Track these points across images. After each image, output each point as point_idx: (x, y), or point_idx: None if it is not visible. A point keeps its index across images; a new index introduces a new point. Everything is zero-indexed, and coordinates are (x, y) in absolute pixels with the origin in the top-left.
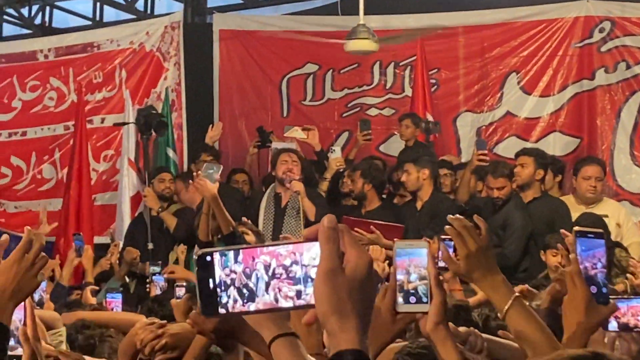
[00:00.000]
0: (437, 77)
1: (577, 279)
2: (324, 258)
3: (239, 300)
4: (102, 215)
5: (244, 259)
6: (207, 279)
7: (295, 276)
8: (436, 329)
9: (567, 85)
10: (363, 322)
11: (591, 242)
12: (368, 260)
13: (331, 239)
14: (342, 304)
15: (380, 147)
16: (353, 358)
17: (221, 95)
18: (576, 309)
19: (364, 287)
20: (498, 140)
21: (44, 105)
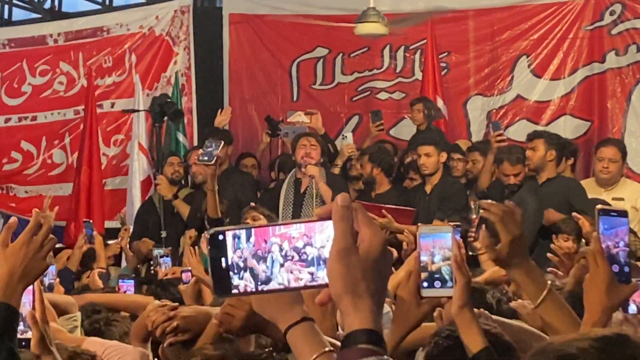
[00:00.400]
0: (448, 60)
1: (599, 257)
2: (338, 237)
3: (252, 283)
4: (113, 200)
5: (256, 241)
6: (219, 258)
7: (308, 258)
8: (461, 312)
9: (578, 68)
10: (377, 302)
11: (614, 220)
12: (382, 239)
13: (345, 218)
14: (356, 283)
15: (391, 131)
16: (367, 338)
17: (231, 79)
18: (597, 288)
19: (378, 266)
20: (508, 124)
21: (53, 89)
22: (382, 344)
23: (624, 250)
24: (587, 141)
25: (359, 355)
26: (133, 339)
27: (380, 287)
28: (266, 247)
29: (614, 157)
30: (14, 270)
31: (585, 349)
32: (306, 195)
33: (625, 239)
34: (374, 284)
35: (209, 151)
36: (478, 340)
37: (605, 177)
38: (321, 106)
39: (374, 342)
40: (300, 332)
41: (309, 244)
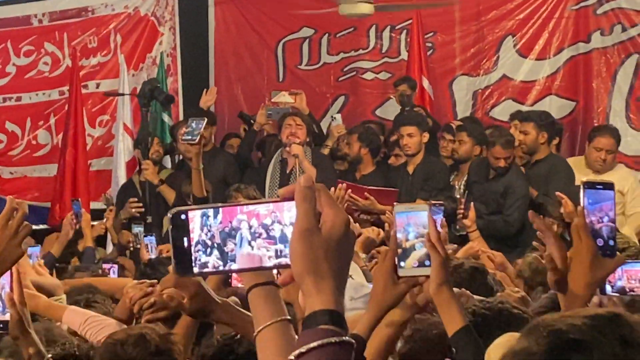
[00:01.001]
0: (433, 40)
1: (582, 232)
2: (300, 217)
3: (220, 260)
4: (98, 181)
5: (224, 218)
6: (181, 238)
7: (275, 236)
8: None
9: (563, 48)
10: (339, 283)
11: (599, 194)
12: (345, 220)
13: (307, 198)
14: (318, 263)
15: (377, 111)
16: (328, 318)
17: (217, 59)
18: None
19: (340, 247)
20: (494, 104)
21: (38, 70)
22: (343, 324)
23: (608, 226)
24: (573, 121)
25: (320, 336)
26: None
27: (343, 267)
28: (234, 225)
29: (611, 148)
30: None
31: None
32: (292, 175)
33: (610, 214)
34: (336, 265)
35: (192, 130)
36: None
37: (600, 167)
38: (307, 86)
39: (335, 323)
40: (263, 294)
41: (277, 221)
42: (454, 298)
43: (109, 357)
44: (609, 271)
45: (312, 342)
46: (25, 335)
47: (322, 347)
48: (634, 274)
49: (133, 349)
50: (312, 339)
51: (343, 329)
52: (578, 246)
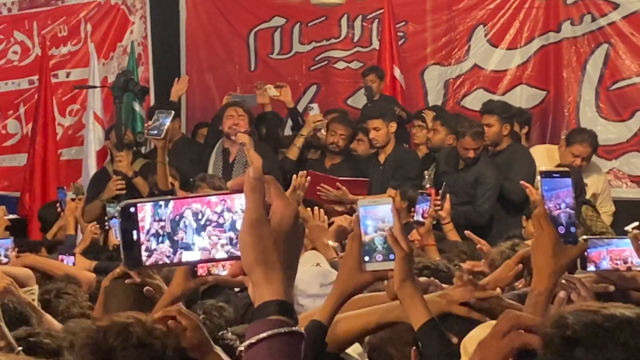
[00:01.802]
0: (405, 30)
1: (542, 220)
2: (249, 208)
3: (170, 251)
4: (68, 170)
5: (174, 208)
6: (130, 231)
7: (225, 224)
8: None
9: (534, 37)
10: (289, 273)
11: (555, 182)
12: (294, 211)
13: (256, 190)
14: (268, 254)
15: (348, 100)
16: (278, 309)
17: (188, 48)
18: (543, 251)
19: (290, 238)
20: (465, 93)
21: (7, 59)
22: (292, 314)
23: (566, 212)
24: (543, 110)
25: (269, 327)
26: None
27: (292, 259)
28: (182, 214)
29: (587, 156)
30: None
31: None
32: (235, 165)
33: (568, 200)
34: (286, 256)
35: (158, 125)
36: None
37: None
38: (279, 76)
39: (285, 313)
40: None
41: (228, 209)
42: (417, 292)
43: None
44: (572, 258)
45: (262, 333)
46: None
47: (271, 337)
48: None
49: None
50: (262, 329)
51: (292, 320)
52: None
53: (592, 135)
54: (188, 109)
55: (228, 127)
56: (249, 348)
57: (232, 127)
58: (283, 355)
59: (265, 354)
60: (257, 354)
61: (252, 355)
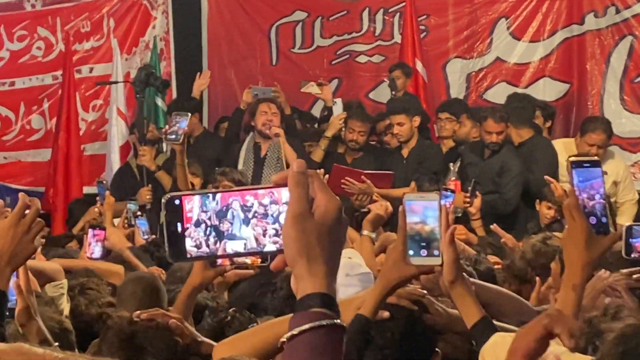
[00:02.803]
0: (427, 23)
1: (575, 211)
2: (293, 202)
3: (215, 243)
4: (92, 165)
5: (222, 199)
6: (175, 223)
7: (271, 216)
8: (453, 287)
9: (557, 30)
10: (331, 267)
11: (587, 172)
12: (338, 205)
13: (300, 184)
14: (311, 248)
15: (370, 94)
16: (319, 301)
17: (210, 43)
18: (575, 243)
19: (333, 231)
20: (488, 86)
21: (31, 55)
22: (335, 307)
23: (600, 203)
24: (566, 103)
25: (311, 319)
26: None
27: (335, 252)
28: (230, 205)
29: (603, 143)
30: (1, 253)
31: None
32: (266, 160)
33: (601, 191)
34: (329, 250)
35: (175, 129)
36: (474, 312)
37: None
38: (300, 70)
39: (327, 306)
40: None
41: (275, 202)
42: (468, 291)
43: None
44: (605, 248)
45: (304, 325)
46: (32, 322)
47: (313, 329)
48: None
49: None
50: (304, 321)
51: (335, 312)
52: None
53: (604, 123)
54: (210, 103)
55: (262, 123)
56: (291, 339)
57: (266, 123)
58: (324, 348)
59: (306, 346)
60: (298, 345)
61: (293, 347)
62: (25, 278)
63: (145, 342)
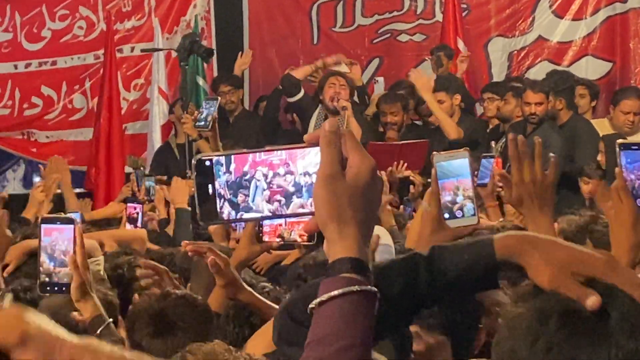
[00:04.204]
0: (468, 1)
1: (622, 193)
2: (324, 163)
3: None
4: (133, 144)
5: (246, 162)
6: (206, 185)
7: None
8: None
9: (600, 8)
10: (364, 230)
11: (636, 154)
12: (372, 166)
13: (332, 143)
14: (342, 210)
15: None
16: (350, 266)
17: (251, 22)
18: (623, 224)
19: (366, 193)
20: (530, 65)
21: (73, 34)
22: (366, 272)
23: None
24: (609, 82)
25: (341, 285)
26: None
27: (369, 215)
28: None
29: (638, 109)
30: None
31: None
32: None
33: None
34: (362, 212)
35: (205, 116)
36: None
37: (629, 129)
38: (341, 49)
39: (358, 271)
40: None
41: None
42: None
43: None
44: None
45: (334, 291)
46: (87, 298)
47: (343, 295)
48: None
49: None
50: (334, 287)
51: (367, 278)
52: (619, 208)
53: (636, 89)
54: (251, 83)
55: (329, 97)
56: (321, 305)
57: (334, 96)
58: (355, 314)
59: (336, 313)
60: (328, 312)
61: (323, 313)
62: (82, 253)
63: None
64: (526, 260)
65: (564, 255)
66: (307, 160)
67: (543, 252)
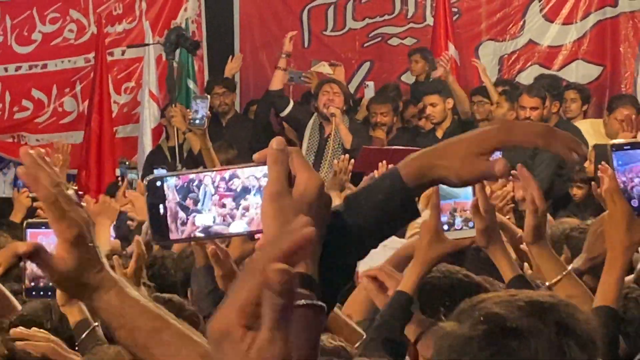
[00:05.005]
0: (459, 5)
1: (615, 195)
2: (270, 180)
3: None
4: (124, 147)
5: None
6: (157, 205)
7: (237, 189)
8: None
9: (590, 12)
10: (312, 246)
11: (628, 155)
12: (318, 183)
13: (278, 161)
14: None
15: (402, 76)
16: (299, 282)
17: (242, 26)
18: (616, 226)
19: (312, 210)
20: (520, 69)
21: (64, 37)
22: (313, 287)
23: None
24: (600, 86)
25: None
26: None
27: (316, 231)
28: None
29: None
30: None
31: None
32: (329, 140)
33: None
34: None
35: (199, 116)
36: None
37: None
38: (332, 52)
39: (305, 286)
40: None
41: (236, 176)
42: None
43: None
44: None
45: None
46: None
47: None
48: None
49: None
50: None
51: (313, 292)
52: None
53: (632, 98)
54: (242, 86)
55: (322, 104)
56: None
57: (326, 103)
58: (302, 328)
59: None
60: None
61: None
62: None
63: None
64: (437, 171)
65: (464, 145)
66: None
67: (445, 154)
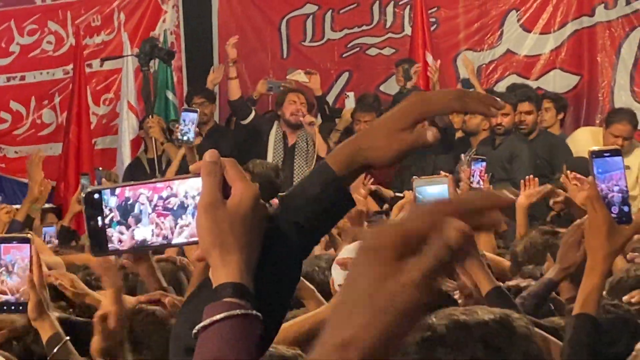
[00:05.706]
0: (437, 15)
1: (595, 202)
2: (204, 192)
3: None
4: (103, 159)
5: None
6: (95, 217)
7: (174, 207)
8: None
9: (567, 22)
10: (247, 256)
11: (607, 162)
12: (253, 193)
13: (212, 173)
14: (224, 237)
15: (381, 87)
16: (232, 291)
17: (220, 37)
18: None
19: (247, 220)
20: (498, 79)
21: (42, 49)
22: (248, 297)
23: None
24: (577, 95)
25: (223, 309)
26: None
27: (251, 241)
28: (136, 200)
29: (628, 135)
30: None
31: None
32: (296, 149)
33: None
34: (243, 238)
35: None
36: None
37: None
38: (311, 63)
39: (240, 296)
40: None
41: (173, 195)
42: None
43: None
44: (627, 238)
45: (216, 315)
46: (44, 317)
47: (225, 319)
48: None
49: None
50: (217, 311)
51: (248, 302)
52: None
53: (630, 113)
54: (221, 97)
55: (290, 113)
56: (203, 330)
57: (295, 113)
58: (236, 338)
59: (218, 336)
60: (210, 336)
61: (205, 338)
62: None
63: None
64: (364, 154)
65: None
66: (188, 184)
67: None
